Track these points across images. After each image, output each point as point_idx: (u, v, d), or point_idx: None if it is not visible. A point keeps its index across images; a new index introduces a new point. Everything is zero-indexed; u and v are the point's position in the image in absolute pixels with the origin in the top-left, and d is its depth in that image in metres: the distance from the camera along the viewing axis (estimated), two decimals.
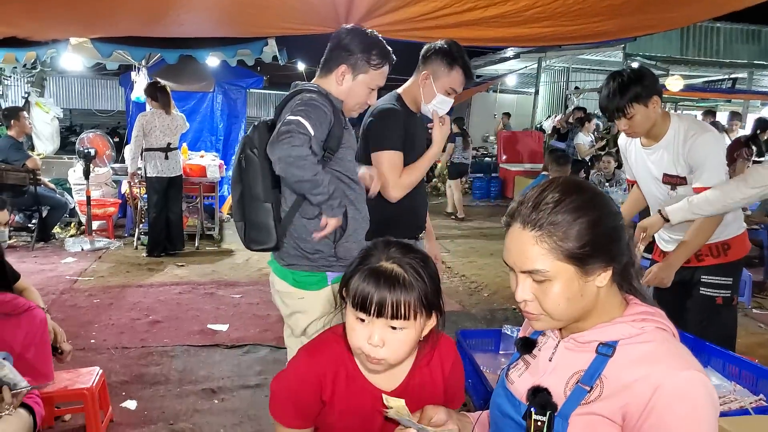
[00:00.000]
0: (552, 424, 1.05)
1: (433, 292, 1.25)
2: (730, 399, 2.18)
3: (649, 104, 2.28)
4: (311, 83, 2.04)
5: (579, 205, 1.04)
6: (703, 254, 2.49)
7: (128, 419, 2.79)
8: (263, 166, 1.92)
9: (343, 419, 1.34)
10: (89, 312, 4.27)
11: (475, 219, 8.90)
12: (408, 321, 1.21)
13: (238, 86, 8.54)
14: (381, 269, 1.22)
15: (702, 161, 2.30)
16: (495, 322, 4.18)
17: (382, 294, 1.19)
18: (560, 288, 1.04)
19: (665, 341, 1.05)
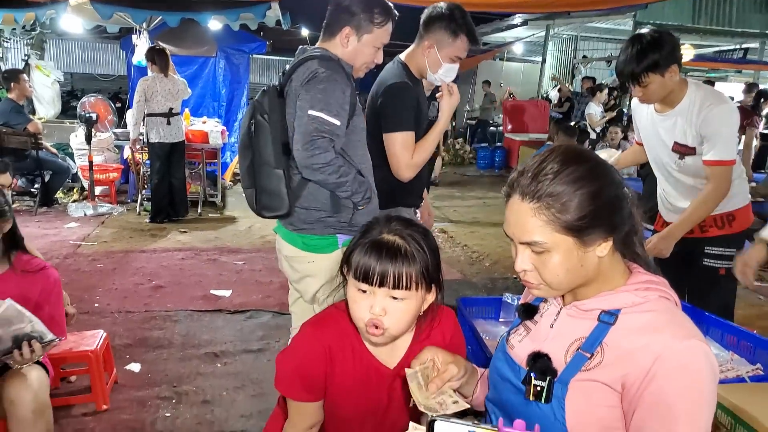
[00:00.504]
0: (551, 390, 1.06)
1: (433, 265, 1.26)
2: (727, 368, 2.20)
3: (666, 73, 2.22)
4: (318, 47, 2.00)
5: (579, 176, 1.02)
6: (707, 225, 2.47)
7: (132, 381, 2.83)
8: (274, 132, 1.91)
9: (348, 394, 1.35)
10: (93, 276, 4.30)
11: (479, 189, 8.87)
12: (409, 291, 1.22)
13: (240, 51, 8.43)
14: (383, 241, 1.23)
15: (715, 133, 2.26)
16: (496, 290, 4.20)
17: (385, 265, 1.20)
18: (559, 259, 1.03)
19: (668, 310, 1.05)
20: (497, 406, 1.23)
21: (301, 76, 1.89)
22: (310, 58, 1.93)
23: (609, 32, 13.48)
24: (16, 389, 1.84)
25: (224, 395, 2.76)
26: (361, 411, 1.38)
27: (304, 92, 1.86)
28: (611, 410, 1.03)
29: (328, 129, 1.82)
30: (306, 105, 1.84)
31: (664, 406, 0.96)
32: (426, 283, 1.25)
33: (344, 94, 1.87)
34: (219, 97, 8.29)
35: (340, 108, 1.86)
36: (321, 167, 1.82)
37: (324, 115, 1.82)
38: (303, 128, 1.83)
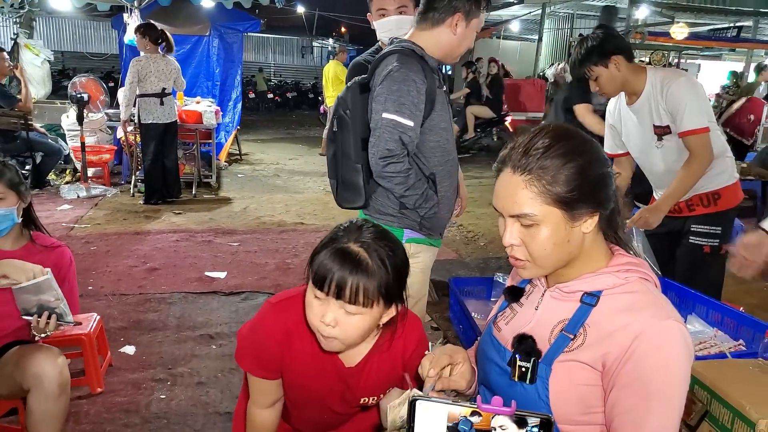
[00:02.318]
0: (536, 371, 1.08)
1: (395, 283, 1.23)
2: (710, 344, 2.24)
3: (609, 64, 2.37)
4: (406, 40, 1.96)
5: (568, 150, 1.05)
6: (694, 204, 2.53)
7: (127, 364, 2.85)
8: (355, 128, 1.95)
9: (301, 379, 1.37)
10: (86, 259, 4.30)
11: (474, 168, 8.87)
12: (364, 308, 1.19)
13: (234, 30, 8.33)
14: (347, 250, 1.20)
15: (679, 104, 2.34)
16: (488, 270, 4.23)
17: (342, 275, 1.17)
18: (548, 232, 1.05)
19: (647, 292, 1.07)
20: (485, 386, 1.25)
21: (381, 72, 1.90)
22: (392, 53, 1.92)
23: None
24: (42, 364, 1.89)
25: (219, 377, 2.78)
26: (314, 398, 1.40)
27: (379, 91, 1.88)
28: (592, 389, 1.05)
29: (401, 131, 1.85)
30: (380, 107, 1.86)
31: (639, 384, 0.99)
32: (384, 299, 1.22)
33: (419, 93, 1.87)
34: (213, 77, 8.21)
35: (414, 108, 1.86)
36: (390, 176, 1.87)
37: (397, 117, 1.84)
38: (378, 132, 1.86)
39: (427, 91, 1.90)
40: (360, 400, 1.39)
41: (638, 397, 0.99)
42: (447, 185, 2.04)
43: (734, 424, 1.27)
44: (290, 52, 24.99)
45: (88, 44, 19.59)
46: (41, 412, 1.89)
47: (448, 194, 2.06)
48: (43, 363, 1.90)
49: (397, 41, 2.00)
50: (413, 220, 2.00)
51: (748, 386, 1.31)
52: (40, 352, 1.94)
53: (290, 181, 7.59)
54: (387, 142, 1.84)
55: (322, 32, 23.74)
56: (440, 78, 2.02)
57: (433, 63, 1.97)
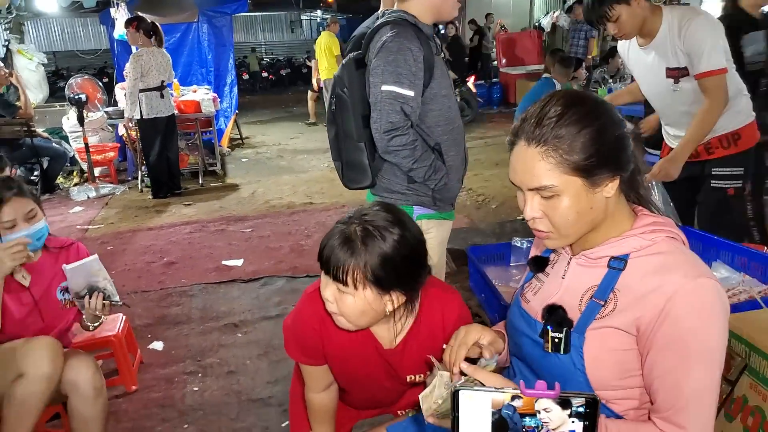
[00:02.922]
0: (569, 340, 1.07)
1: (384, 271, 1.20)
2: (738, 290, 2.22)
3: (631, 1, 2.25)
4: (397, 10, 1.93)
5: (582, 116, 1.02)
6: (713, 146, 2.47)
7: (157, 360, 2.89)
8: (354, 106, 1.91)
9: (343, 364, 1.39)
10: (104, 259, 4.22)
11: (478, 129, 8.78)
12: (351, 288, 1.20)
13: (222, 13, 8.21)
14: (343, 231, 1.22)
15: (699, 45, 2.25)
16: (504, 235, 4.22)
17: (330, 254, 1.21)
18: (569, 202, 1.03)
19: (676, 251, 1.06)
20: (519, 359, 1.25)
21: (375, 45, 1.86)
22: (384, 24, 1.88)
23: None
24: (76, 369, 1.95)
25: (248, 364, 2.82)
26: (361, 379, 1.42)
27: (376, 63, 1.84)
28: (628, 353, 1.05)
29: (402, 102, 1.81)
30: (378, 80, 1.82)
31: (678, 344, 0.98)
32: (374, 285, 1.20)
33: (416, 62, 1.82)
34: (206, 63, 8.13)
35: (413, 77, 1.82)
36: (397, 150, 1.83)
37: (397, 89, 1.80)
38: (379, 106, 1.82)
39: (425, 59, 1.85)
40: (407, 378, 1.40)
41: (677, 357, 0.98)
42: (454, 154, 2.00)
43: None
44: (280, 29, 24.62)
45: (78, 42, 19.41)
46: (81, 415, 1.95)
47: (456, 163, 2.02)
48: (76, 369, 1.95)
49: (389, 12, 1.95)
50: (424, 194, 1.97)
51: None
52: (72, 358, 1.98)
53: (294, 161, 7.57)
54: (389, 115, 1.80)
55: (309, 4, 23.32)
56: (437, 45, 1.97)
57: (427, 30, 1.92)
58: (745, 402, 1.34)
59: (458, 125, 2.03)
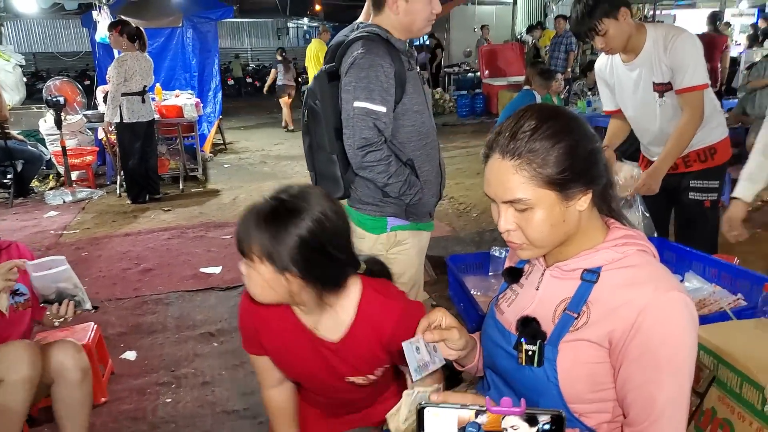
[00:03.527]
0: (542, 353, 1.07)
1: (273, 246, 1.18)
2: (710, 301, 2.26)
3: (618, 16, 2.29)
4: (369, 24, 1.93)
5: (556, 131, 1.03)
6: (691, 160, 2.54)
7: (129, 370, 2.83)
8: (326, 118, 1.92)
9: (281, 356, 1.41)
10: (78, 266, 4.24)
11: (460, 138, 8.83)
12: (247, 259, 1.21)
13: (207, 18, 8.18)
14: (258, 203, 1.23)
15: (683, 60, 2.32)
16: (483, 243, 4.23)
17: (239, 223, 1.23)
18: (543, 215, 1.04)
19: (647, 264, 1.07)
20: (493, 371, 1.24)
21: (347, 60, 1.86)
22: (356, 40, 1.87)
23: None
24: (63, 353, 1.97)
25: (224, 374, 2.77)
26: (304, 374, 1.42)
27: (347, 80, 1.84)
28: (601, 366, 1.05)
29: (375, 118, 1.81)
30: (350, 96, 1.83)
31: (648, 357, 0.99)
32: (270, 263, 1.18)
33: (387, 77, 1.82)
34: (190, 68, 8.08)
35: (385, 93, 1.82)
36: (371, 165, 1.84)
37: (369, 105, 1.81)
38: (352, 123, 1.82)
39: (396, 74, 1.85)
40: (345, 378, 1.38)
41: (648, 370, 0.99)
42: (428, 169, 2.00)
43: (743, 388, 1.27)
44: (266, 35, 24.61)
45: (58, 44, 19.18)
46: (68, 399, 1.97)
47: (430, 178, 2.02)
48: (63, 354, 1.97)
49: (362, 26, 1.95)
50: (398, 207, 1.97)
51: (753, 349, 1.32)
52: (55, 345, 2.00)
53: (277, 167, 7.53)
54: (362, 131, 1.80)
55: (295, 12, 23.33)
56: (410, 59, 1.96)
57: (400, 45, 1.91)
58: (714, 414, 1.35)
59: (432, 140, 2.03)
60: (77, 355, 2.00)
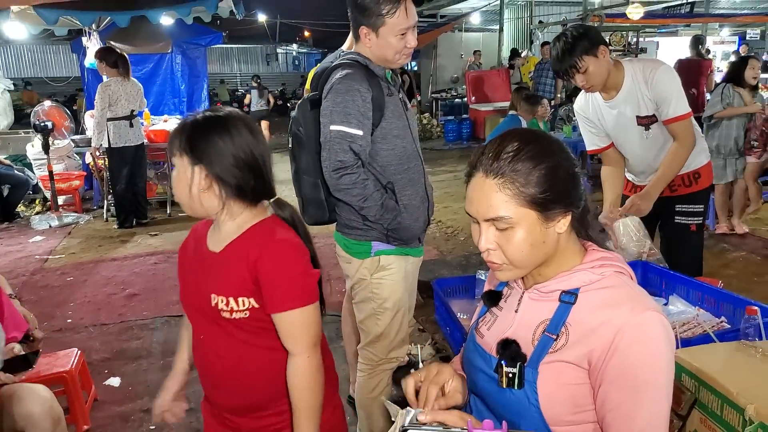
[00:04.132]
0: (522, 375, 1.08)
1: (190, 136, 1.29)
2: (693, 324, 2.26)
3: (598, 54, 2.34)
4: (351, 52, 1.98)
5: (537, 152, 1.05)
6: (676, 184, 2.59)
7: (113, 396, 2.79)
8: (310, 144, 1.95)
9: (182, 263, 1.48)
10: (63, 291, 4.21)
11: (448, 163, 8.90)
12: (173, 156, 1.32)
13: (196, 44, 8.29)
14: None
15: (666, 92, 2.37)
16: (470, 267, 4.23)
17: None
18: (523, 234, 1.05)
19: (624, 285, 1.08)
20: (475, 394, 1.25)
21: (327, 86, 1.90)
22: (336, 67, 1.92)
23: None
24: (29, 403, 1.87)
25: None
26: (182, 289, 1.46)
27: (325, 104, 1.88)
28: (581, 387, 1.05)
29: (351, 141, 1.84)
30: (327, 120, 1.86)
31: (626, 378, 1.00)
32: (185, 153, 1.29)
33: (364, 102, 1.85)
34: (179, 93, 8.14)
35: (362, 116, 1.85)
36: (346, 188, 1.85)
37: (345, 128, 1.83)
38: (328, 146, 1.85)
39: (374, 99, 1.88)
40: (210, 295, 1.32)
41: (626, 390, 1.00)
42: (410, 193, 2.01)
43: (723, 410, 1.28)
44: (255, 61, 24.85)
45: (48, 69, 19.22)
46: None
47: (413, 203, 2.02)
48: (31, 402, 1.87)
49: (343, 54, 2.00)
50: (380, 232, 1.98)
51: (733, 371, 1.33)
52: (24, 391, 1.90)
53: None
54: (338, 154, 1.83)
55: (285, 38, 23.63)
56: (390, 85, 1.99)
57: (378, 71, 1.95)
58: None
59: (415, 164, 2.05)
60: (48, 402, 1.90)
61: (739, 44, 12.43)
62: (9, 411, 1.84)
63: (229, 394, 1.39)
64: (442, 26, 12.91)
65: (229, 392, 1.39)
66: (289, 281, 1.28)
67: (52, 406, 1.91)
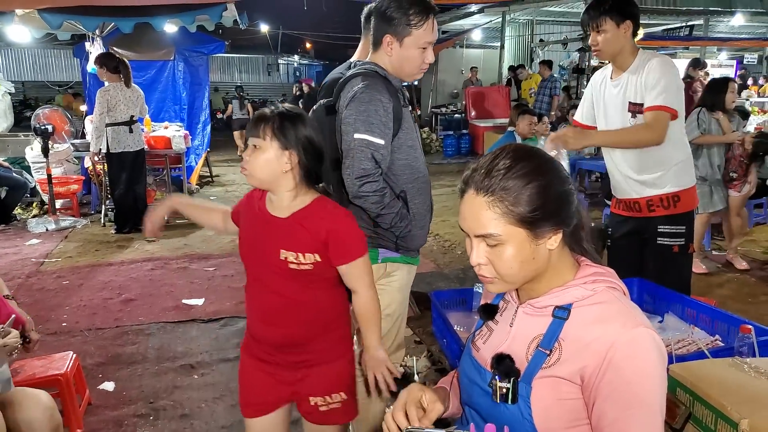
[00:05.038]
0: (516, 390, 1.09)
1: (283, 125, 1.54)
2: (688, 342, 2.28)
3: (621, 25, 2.39)
4: (367, 62, 2.01)
5: (529, 170, 1.06)
6: (654, 204, 2.56)
7: (106, 401, 2.78)
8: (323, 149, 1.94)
9: (244, 228, 1.73)
10: (59, 294, 4.20)
11: (446, 177, 8.94)
12: (258, 137, 1.54)
13: (199, 52, 8.31)
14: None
15: (656, 80, 2.38)
16: (467, 280, 4.24)
17: (253, 120, 1.58)
18: (513, 251, 1.06)
19: (616, 300, 1.09)
20: (470, 407, 1.25)
21: (346, 95, 1.92)
22: (355, 76, 1.94)
23: (563, 15, 13.68)
24: (30, 410, 1.86)
25: (203, 407, 2.73)
26: (245, 243, 1.69)
27: (348, 113, 1.90)
28: (575, 403, 1.06)
29: (374, 150, 1.87)
30: (351, 128, 1.88)
31: (619, 394, 1.01)
32: (279, 140, 1.53)
33: (386, 112, 1.89)
34: (180, 101, 8.16)
35: (384, 126, 1.88)
36: (367, 196, 1.89)
37: (369, 137, 1.86)
38: (352, 153, 1.87)
39: (393, 109, 1.92)
40: (280, 251, 1.58)
41: (620, 406, 1.01)
42: (419, 202, 2.05)
43: (717, 424, 1.29)
44: (256, 71, 24.93)
45: (49, 73, 19.26)
46: None
47: (421, 211, 2.07)
48: (30, 411, 1.86)
49: (360, 64, 2.03)
50: (388, 240, 2.01)
51: (727, 386, 1.34)
52: (26, 397, 1.90)
53: None
54: (362, 162, 1.86)
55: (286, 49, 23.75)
56: (404, 98, 2.04)
57: (396, 83, 1.99)
58: None
59: (423, 175, 2.09)
60: (49, 411, 1.89)
61: (737, 68, 12.58)
62: (10, 416, 1.84)
63: (282, 329, 1.64)
64: (443, 42, 12.98)
65: (283, 327, 1.64)
66: (354, 240, 1.62)
67: (53, 414, 1.90)
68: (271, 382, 1.70)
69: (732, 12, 12.95)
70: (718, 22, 13.77)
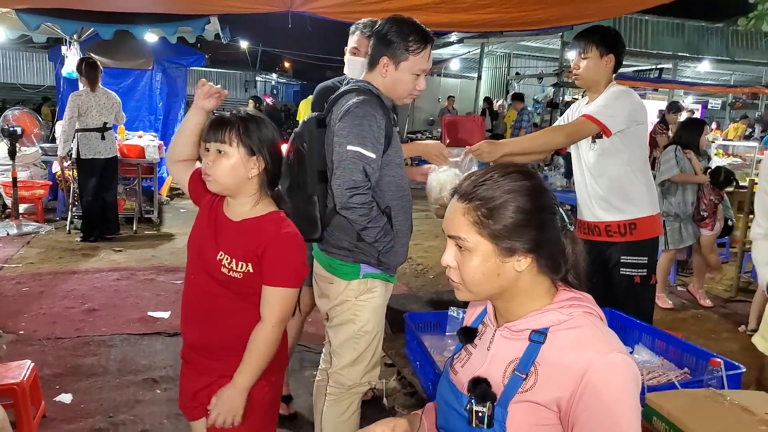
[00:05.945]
0: (492, 415, 1.08)
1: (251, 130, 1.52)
2: (658, 373, 2.31)
3: (604, 57, 2.50)
4: (361, 80, 2.04)
5: (512, 189, 1.08)
6: (612, 230, 2.60)
7: (63, 414, 2.67)
8: (311, 160, 2.00)
9: (198, 221, 1.69)
10: (17, 301, 4.04)
11: (420, 202, 8.96)
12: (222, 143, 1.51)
13: (178, 64, 8.26)
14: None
15: (603, 100, 2.50)
16: (441, 303, 4.22)
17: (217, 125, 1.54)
18: (477, 261, 1.08)
19: (592, 326, 1.09)
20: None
21: (340, 108, 1.94)
22: (349, 92, 1.97)
23: (539, 50, 14.11)
24: None
25: (165, 423, 2.64)
26: (193, 236, 1.67)
27: (341, 126, 1.91)
28: (552, 428, 1.06)
29: (365, 163, 1.89)
30: (344, 141, 1.89)
31: (597, 418, 1.01)
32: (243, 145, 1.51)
33: (379, 128, 1.92)
34: (156, 111, 8.07)
35: (376, 141, 1.91)
36: (355, 207, 1.89)
37: (361, 150, 1.88)
38: (344, 165, 1.88)
39: (385, 127, 1.96)
40: (219, 251, 1.56)
41: (600, 430, 1.00)
42: (402, 220, 2.08)
43: None
44: (234, 86, 24.87)
45: (21, 75, 18.88)
46: None
47: (403, 229, 2.09)
48: None
49: (354, 81, 2.07)
50: (370, 255, 2.01)
51: (703, 416, 1.36)
52: None
53: None
54: (353, 173, 1.88)
55: (265, 67, 23.82)
56: (394, 118, 2.08)
57: (387, 102, 2.03)
58: None
59: (407, 193, 2.12)
60: (0, 423, 1.81)
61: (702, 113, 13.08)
62: None
63: (197, 330, 1.62)
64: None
65: (198, 328, 1.62)
66: (288, 266, 1.56)
67: (4, 427, 1.82)
68: (192, 383, 1.68)
69: (699, 58, 13.54)
70: (685, 67, 14.39)
